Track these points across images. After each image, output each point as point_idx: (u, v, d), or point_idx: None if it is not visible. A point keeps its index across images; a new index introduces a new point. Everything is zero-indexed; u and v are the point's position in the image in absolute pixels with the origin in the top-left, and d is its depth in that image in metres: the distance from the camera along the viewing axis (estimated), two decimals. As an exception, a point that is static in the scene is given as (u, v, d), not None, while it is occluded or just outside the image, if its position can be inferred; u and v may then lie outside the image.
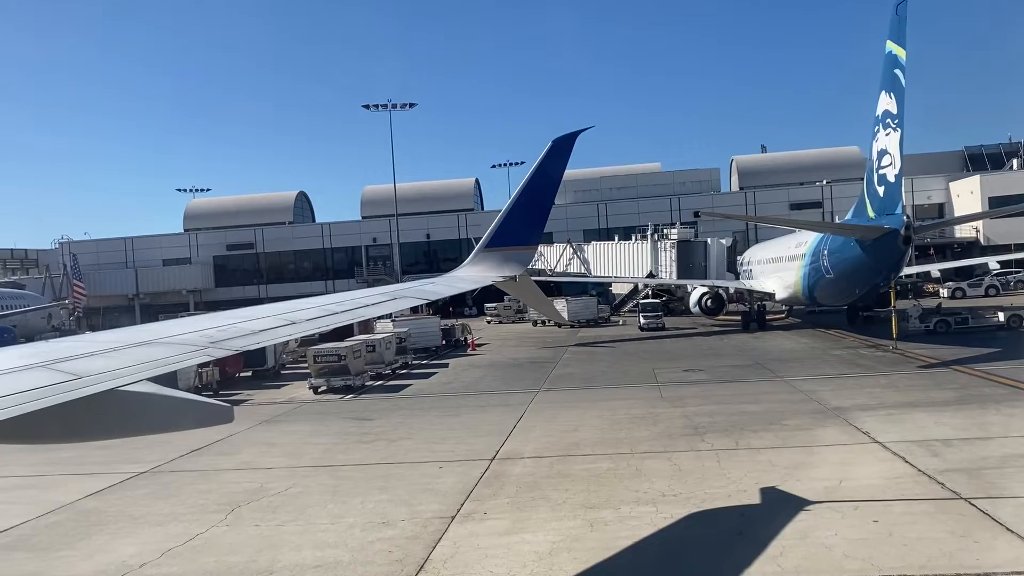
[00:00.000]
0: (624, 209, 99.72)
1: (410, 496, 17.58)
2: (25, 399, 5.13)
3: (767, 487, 16.47)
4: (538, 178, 13.99)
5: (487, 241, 14.29)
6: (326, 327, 9.50)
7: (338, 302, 10.29)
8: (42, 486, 20.88)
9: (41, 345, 7.08)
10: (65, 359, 6.19)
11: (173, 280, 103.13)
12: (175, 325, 8.18)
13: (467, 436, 24.00)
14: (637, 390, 30.96)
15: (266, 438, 25.75)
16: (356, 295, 11.29)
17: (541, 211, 14.51)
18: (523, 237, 14.23)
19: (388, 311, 11.33)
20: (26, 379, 5.57)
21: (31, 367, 5.90)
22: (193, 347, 7.09)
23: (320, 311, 9.48)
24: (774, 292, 54.72)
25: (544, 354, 47.01)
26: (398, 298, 11.84)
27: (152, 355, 6.63)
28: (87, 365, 6.06)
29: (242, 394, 37.15)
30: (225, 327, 8.03)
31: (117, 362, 6.25)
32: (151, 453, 24.15)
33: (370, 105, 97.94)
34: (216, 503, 17.98)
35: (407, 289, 13.11)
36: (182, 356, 6.86)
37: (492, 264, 14.09)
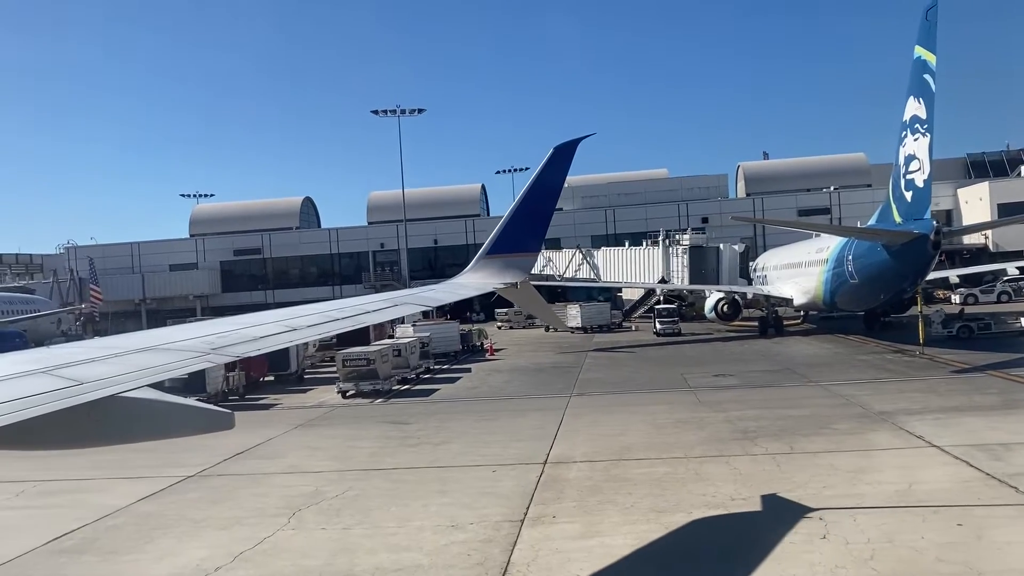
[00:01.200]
0: (632, 215, 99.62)
1: (471, 499, 17.45)
2: (26, 405, 5.09)
3: (836, 491, 16.38)
4: (540, 185, 14.07)
5: (489, 248, 14.35)
6: (327, 333, 9.48)
7: (339, 308, 10.29)
8: (90, 490, 20.71)
9: (42, 351, 7.04)
10: (66, 365, 6.15)
11: (180, 285, 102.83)
12: (177, 331, 8.17)
13: (511, 440, 23.88)
14: (672, 395, 30.85)
15: (307, 442, 25.58)
16: (357, 301, 11.24)
17: (542, 218, 14.63)
18: (524, 244, 14.36)
19: (389, 318, 11.66)
20: (27, 385, 5.53)
21: (32, 373, 5.85)
22: (195, 353, 7.06)
23: (321, 318, 9.46)
24: (792, 297, 54.69)
25: (565, 359, 46.90)
26: (399, 305, 11.86)
27: (153, 361, 6.60)
28: (88, 371, 6.02)
29: (268, 398, 36.99)
30: (226, 333, 8.01)
31: (118, 368, 6.22)
32: (194, 456, 23.99)
33: (379, 111, 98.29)
34: (275, 507, 17.82)
35: (408, 296, 13.24)
36: (184, 362, 6.82)
37: (494, 270, 14.15)
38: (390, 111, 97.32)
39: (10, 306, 73.04)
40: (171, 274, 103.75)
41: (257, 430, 28.20)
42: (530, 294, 15.66)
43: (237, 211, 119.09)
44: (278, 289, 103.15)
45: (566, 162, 14.04)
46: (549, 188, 14.24)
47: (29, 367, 6.02)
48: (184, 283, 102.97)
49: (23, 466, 23.62)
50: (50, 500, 19.79)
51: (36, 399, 5.24)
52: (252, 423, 30.40)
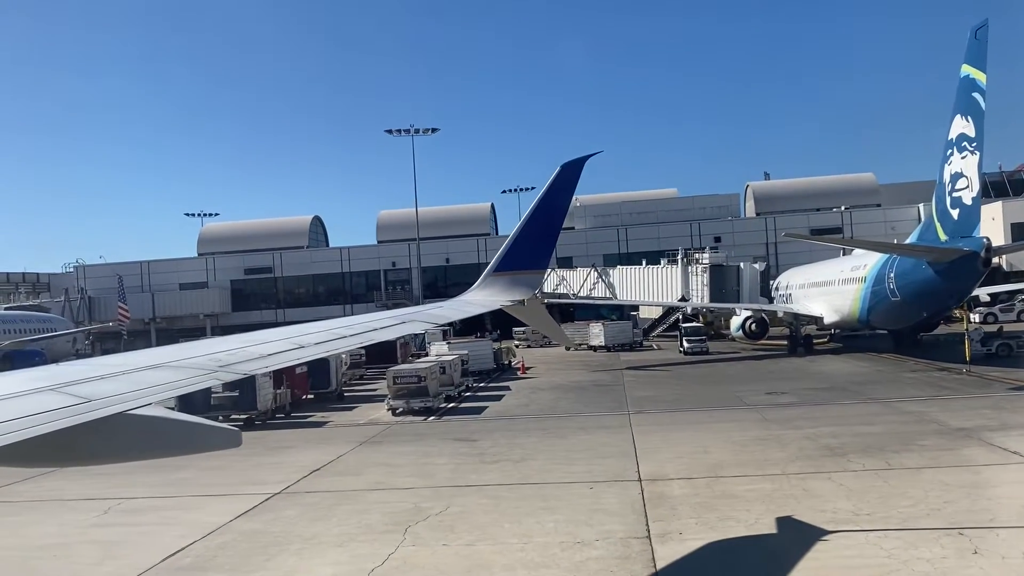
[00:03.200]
0: (644, 234, 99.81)
1: (583, 516, 17.21)
2: (36, 422, 5.09)
3: (960, 507, 16.20)
4: (547, 202, 14.06)
5: (496, 265, 14.33)
6: (335, 351, 9.46)
7: (347, 326, 10.24)
8: (178, 507, 20.41)
9: (50, 368, 7.01)
10: (75, 382, 6.12)
11: (190, 304, 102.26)
12: (184, 349, 8.17)
13: (593, 457, 23.63)
14: (733, 412, 30.71)
15: (379, 459, 25.27)
16: (364, 319, 11.19)
17: (550, 235, 14.59)
18: (532, 261, 14.31)
19: (396, 335, 11.43)
20: (37, 402, 5.53)
21: (40, 390, 5.84)
22: (202, 371, 7.05)
23: (328, 335, 9.41)
24: (822, 315, 54.75)
25: (601, 377, 46.71)
26: (406, 322, 11.78)
27: (161, 379, 6.57)
28: (97, 388, 6.00)
29: (315, 416, 36.69)
30: (234, 351, 7.95)
31: (126, 385, 6.21)
32: (268, 474, 23.82)
33: (393, 130, 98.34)
34: (382, 523, 17.54)
35: (416, 313, 13.09)
36: (191, 380, 6.79)
37: (501, 288, 14.09)
38: (404, 130, 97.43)
39: (28, 324, 72.53)
40: (181, 293, 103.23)
41: (322, 447, 27.96)
42: (537, 311, 15.64)
43: (246, 230, 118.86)
44: (289, 308, 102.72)
45: (573, 180, 14.03)
46: (556, 206, 14.25)
47: (38, 384, 6.01)
48: (194, 302, 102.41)
49: (94, 484, 23.42)
50: (142, 518, 19.44)
51: (45, 416, 5.23)
52: (313, 440, 30.19)
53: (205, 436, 6.52)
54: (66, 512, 20.46)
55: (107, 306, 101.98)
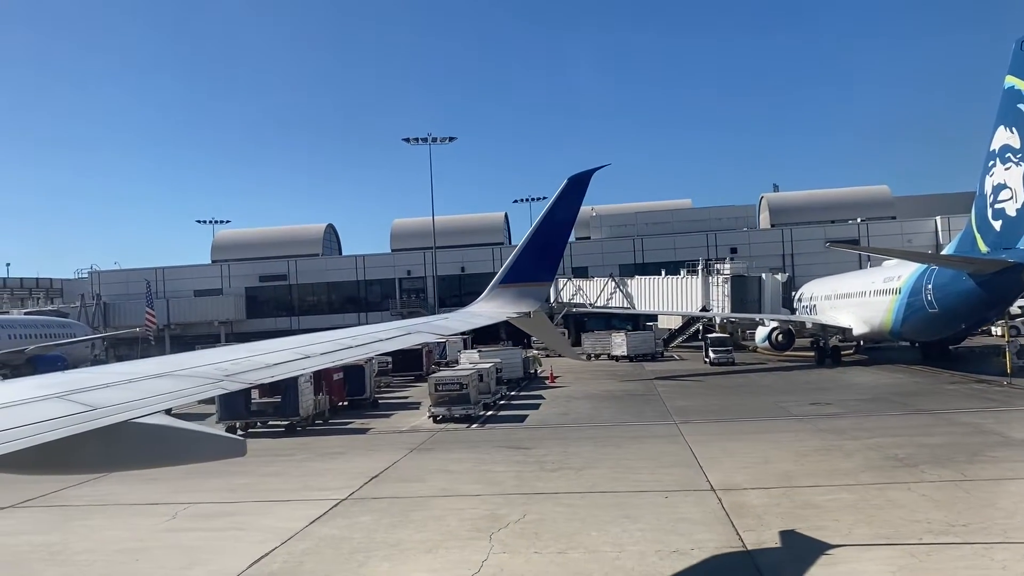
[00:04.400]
0: (660, 244, 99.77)
1: (668, 524, 17.00)
2: (42, 429, 5.11)
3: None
4: (554, 215, 14.08)
5: (502, 277, 14.36)
6: (340, 361, 9.49)
7: (352, 336, 10.24)
8: (246, 512, 20.22)
9: (57, 376, 7.01)
10: (80, 390, 6.14)
11: (204, 311, 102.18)
12: (190, 357, 8.16)
13: (654, 466, 23.42)
14: (784, 423, 30.52)
15: (436, 466, 25.02)
16: (370, 329, 11.18)
17: (556, 248, 14.65)
18: (538, 273, 14.35)
19: (401, 346, 11.42)
20: (42, 409, 5.53)
21: (47, 398, 5.86)
22: (208, 380, 7.07)
23: (334, 345, 9.42)
24: (850, 327, 54.55)
25: (633, 387, 46.49)
26: (412, 333, 11.80)
27: (167, 387, 6.62)
28: (102, 396, 6.02)
29: (354, 422, 36.48)
30: (240, 360, 7.96)
31: (132, 394, 6.24)
32: (331, 480, 23.67)
33: (410, 139, 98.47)
34: (463, 529, 17.34)
35: (422, 324, 13.06)
36: (197, 389, 6.81)
37: (507, 300, 14.15)
38: (422, 139, 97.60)
39: (49, 330, 72.38)
40: (196, 299, 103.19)
41: (372, 454, 27.77)
42: (543, 323, 15.54)
43: (260, 237, 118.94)
44: (303, 316, 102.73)
45: (580, 192, 14.06)
46: (563, 218, 14.25)
47: (45, 392, 6.01)
48: (209, 309, 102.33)
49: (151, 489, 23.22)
50: (213, 523, 19.22)
51: (52, 423, 5.24)
52: (361, 447, 29.99)
53: (210, 445, 6.51)
54: (132, 516, 20.28)
55: (122, 312, 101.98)
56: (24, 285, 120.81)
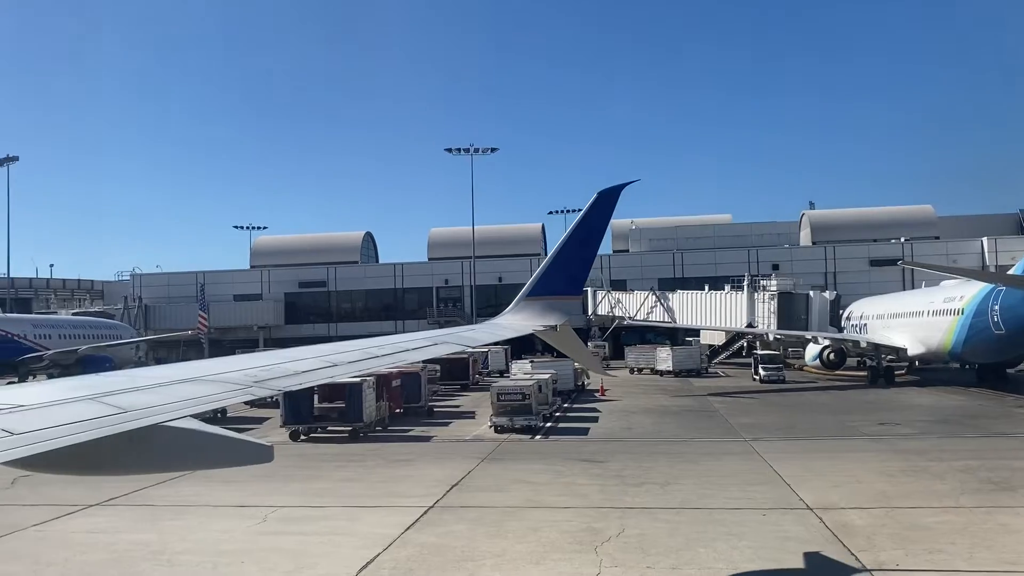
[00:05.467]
0: (700, 259, 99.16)
1: (774, 543, 16.62)
2: (75, 430, 5.17)
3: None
4: (582, 229, 14.09)
5: (529, 290, 14.36)
6: (367, 370, 9.75)
7: (379, 346, 10.27)
8: (334, 517, 20.10)
9: (89, 378, 7.09)
10: (112, 392, 6.19)
11: (244, 316, 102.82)
12: (220, 363, 8.21)
13: (740, 483, 22.98)
14: (858, 442, 30.06)
15: (513, 476, 24.76)
16: (398, 339, 11.17)
17: (584, 261, 14.61)
18: (565, 287, 14.32)
19: (428, 356, 11.48)
20: (75, 411, 5.59)
21: (79, 399, 5.91)
22: (237, 385, 7.12)
23: (362, 354, 9.45)
24: (905, 347, 53.70)
25: (687, 403, 46.01)
26: (439, 343, 11.79)
27: (196, 392, 6.63)
28: (134, 399, 6.07)
29: (413, 430, 36.42)
30: (269, 366, 8.01)
31: (162, 397, 6.28)
32: (411, 487, 23.58)
33: (452, 148, 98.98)
34: (564, 542, 17.07)
35: (448, 335, 13.03)
36: (226, 394, 6.84)
37: (534, 313, 14.15)
38: (464, 149, 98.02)
39: (97, 331, 73.36)
40: (236, 304, 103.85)
41: (443, 462, 27.59)
42: (569, 337, 15.45)
43: (298, 244, 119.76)
44: (341, 322, 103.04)
45: (610, 207, 14.08)
46: (592, 232, 14.29)
47: (78, 393, 6.07)
48: (249, 313, 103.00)
49: (232, 491, 23.25)
50: (307, 527, 19.08)
51: (84, 424, 5.29)
52: (430, 454, 29.87)
53: (238, 450, 6.48)
54: (222, 518, 20.22)
55: (162, 315, 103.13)
56: (67, 286, 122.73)
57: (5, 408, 5.41)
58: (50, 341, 65.26)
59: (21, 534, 18.89)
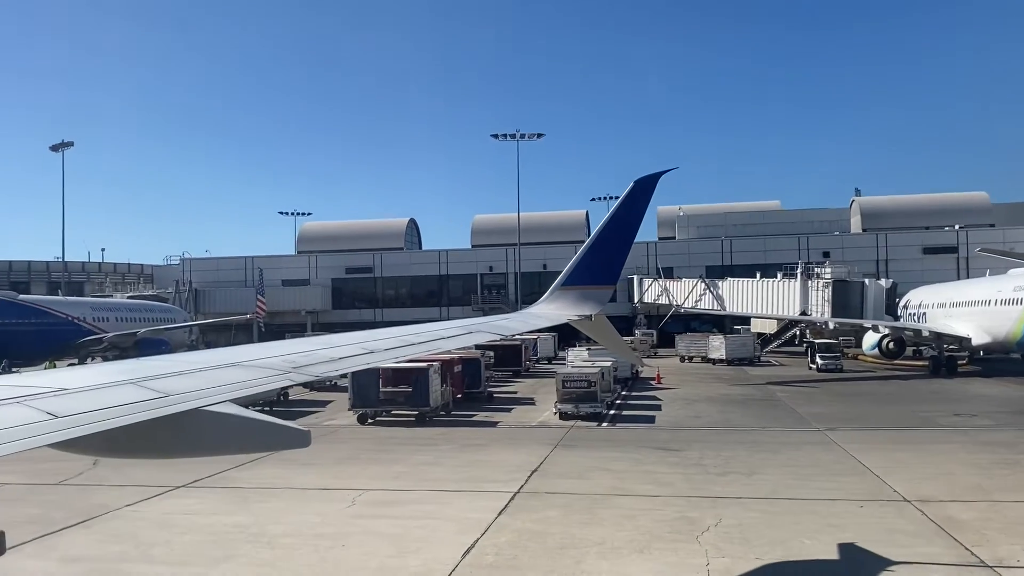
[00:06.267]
0: (749, 246, 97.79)
1: (879, 535, 16.20)
2: (117, 414, 5.23)
3: None
4: (619, 217, 13.91)
5: (564, 279, 14.26)
6: (404, 357, 9.59)
7: (415, 333, 10.34)
8: (426, 502, 20.07)
9: (131, 362, 7.21)
10: (153, 377, 6.28)
11: (292, 301, 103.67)
12: (260, 348, 8.34)
13: (826, 474, 22.56)
14: (938, 434, 29.39)
15: (591, 463, 24.52)
16: (434, 327, 11.19)
17: (620, 251, 14.38)
18: (601, 276, 14.17)
19: (463, 344, 11.55)
20: (117, 394, 5.67)
21: (121, 383, 6.00)
22: (276, 371, 7.18)
23: (398, 341, 9.54)
24: (969, 336, 52.38)
25: (748, 391, 45.38)
26: (473, 332, 11.80)
27: (236, 377, 6.71)
28: (174, 384, 6.15)
29: (477, 415, 36.37)
30: (307, 353, 8.12)
31: (202, 382, 6.37)
32: (490, 472, 23.56)
33: (499, 134, 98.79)
34: (664, 531, 16.84)
35: (483, 324, 13.00)
36: (265, 379, 6.91)
37: (569, 302, 14.06)
38: (510, 135, 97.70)
39: (151, 314, 74.62)
40: (284, 289, 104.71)
41: (516, 448, 27.50)
42: (604, 327, 15.26)
43: (344, 230, 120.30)
44: (387, 308, 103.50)
45: (647, 195, 13.85)
46: (628, 221, 14.05)
47: (120, 378, 6.16)
48: (297, 298, 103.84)
49: (312, 474, 23.46)
50: (398, 511, 19.11)
51: (125, 408, 5.35)
52: (501, 440, 29.78)
53: (276, 435, 6.46)
54: (311, 501, 20.34)
55: (212, 299, 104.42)
56: (117, 270, 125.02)
57: (49, 392, 5.49)
58: (108, 324, 66.50)
59: (116, 514, 19.15)
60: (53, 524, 18.10)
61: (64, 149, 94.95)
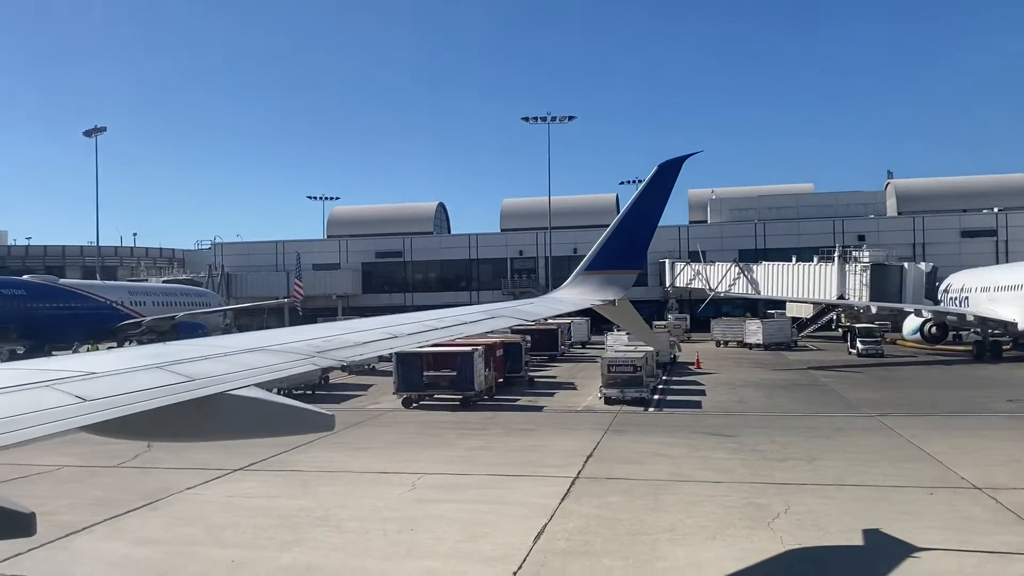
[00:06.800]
0: (782, 230, 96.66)
1: (961, 524, 15.86)
2: (144, 397, 5.30)
3: None
4: (643, 202, 13.78)
5: (587, 264, 14.19)
6: (426, 342, 9.61)
7: (438, 318, 10.38)
8: (487, 486, 20.03)
9: (157, 347, 7.31)
10: (179, 361, 6.37)
11: (323, 285, 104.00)
12: (285, 333, 8.41)
13: (893, 461, 22.01)
14: (996, 419, 28.90)
15: (646, 449, 24.26)
16: (457, 312, 11.20)
17: (644, 235, 14.23)
18: (625, 261, 14.07)
19: (485, 329, 11.49)
20: (143, 379, 5.75)
21: (148, 368, 6.09)
22: (300, 355, 7.24)
23: (421, 326, 9.59)
24: (1015, 321, 51.39)
25: (791, 376, 44.87)
26: (496, 317, 11.81)
27: (261, 361, 6.78)
28: (199, 368, 6.25)
29: (520, 400, 36.27)
30: (331, 337, 8.15)
31: (227, 367, 6.45)
32: (544, 457, 23.38)
33: (529, 117, 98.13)
34: (734, 517, 16.57)
35: (506, 308, 12.97)
36: (289, 364, 6.97)
37: (592, 287, 14.03)
38: (540, 118, 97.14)
39: (187, 298, 75.26)
40: (315, 273, 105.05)
41: (566, 433, 27.34)
42: (627, 312, 15.14)
43: (373, 214, 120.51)
44: (417, 292, 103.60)
45: (671, 179, 13.68)
46: (653, 205, 13.90)
47: (146, 362, 6.25)
48: (327, 283, 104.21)
49: (365, 457, 23.45)
50: (461, 495, 19.00)
51: (151, 392, 5.42)
52: (549, 425, 29.61)
53: (301, 419, 6.44)
54: (372, 485, 20.30)
55: (243, 283, 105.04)
56: (149, 254, 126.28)
57: (78, 375, 5.58)
58: (145, 308, 67.15)
59: (179, 497, 19.23)
60: (119, 506, 18.21)
61: (97, 134, 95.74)
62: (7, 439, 4.24)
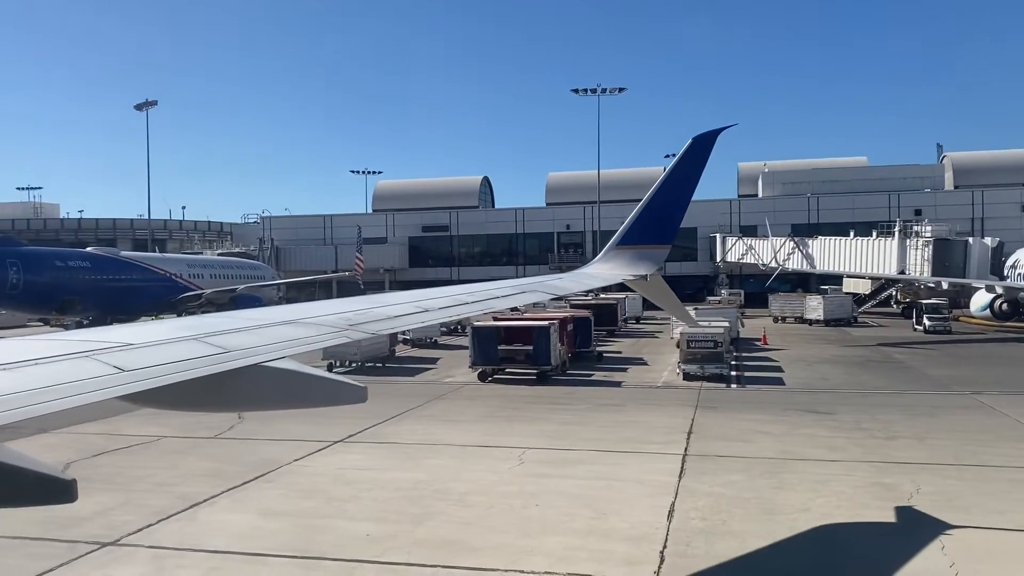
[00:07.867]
0: (836, 204, 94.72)
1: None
2: (181, 368, 5.38)
3: None
4: (676, 175, 13.62)
5: (619, 238, 14.00)
6: (457, 316, 9.65)
7: (469, 292, 10.42)
8: (595, 462, 19.72)
9: (193, 319, 7.46)
10: (216, 333, 6.44)
11: (370, 259, 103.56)
12: (318, 306, 8.44)
13: (1008, 440, 21.45)
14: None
15: (743, 426, 23.73)
16: (487, 287, 11.15)
17: (677, 209, 13.97)
18: (657, 235, 13.89)
19: (516, 304, 11.80)
20: (179, 350, 5.83)
21: (185, 339, 6.19)
22: (333, 328, 7.32)
23: (452, 300, 9.65)
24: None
25: (864, 353, 43.93)
26: (527, 292, 11.82)
27: (295, 334, 6.84)
28: (235, 340, 6.31)
29: (595, 375, 35.96)
30: (363, 311, 8.23)
31: (262, 339, 6.51)
32: (644, 434, 23.14)
33: (579, 89, 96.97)
34: (865, 497, 16.20)
35: (536, 284, 12.92)
36: (322, 336, 7.05)
37: (623, 262, 13.85)
38: (591, 90, 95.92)
39: (242, 271, 75.82)
40: (363, 247, 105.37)
41: (655, 409, 27.01)
42: (659, 287, 14.75)
43: (417, 188, 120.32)
44: (463, 267, 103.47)
45: (705, 153, 13.45)
46: (686, 179, 13.69)
47: (183, 333, 6.36)
48: (374, 257, 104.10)
49: (464, 431, 23.23)
50: (571, 471, 18.76)
51: (188, 363, 5.51)
52: (635, 400, 29.26)
53: (335, 391, 6.47)
54: (478, 459, 20.16)
55: (292, 256, 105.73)
56: (198, 227, 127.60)
57: (116, 346, 5.69)
58: (203, 281, 67.70)
59: (288, 469, 19.22)
60: (232, 478, 18.22)
61: (148, 108, 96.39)
62: (48, 407, 4.36)
